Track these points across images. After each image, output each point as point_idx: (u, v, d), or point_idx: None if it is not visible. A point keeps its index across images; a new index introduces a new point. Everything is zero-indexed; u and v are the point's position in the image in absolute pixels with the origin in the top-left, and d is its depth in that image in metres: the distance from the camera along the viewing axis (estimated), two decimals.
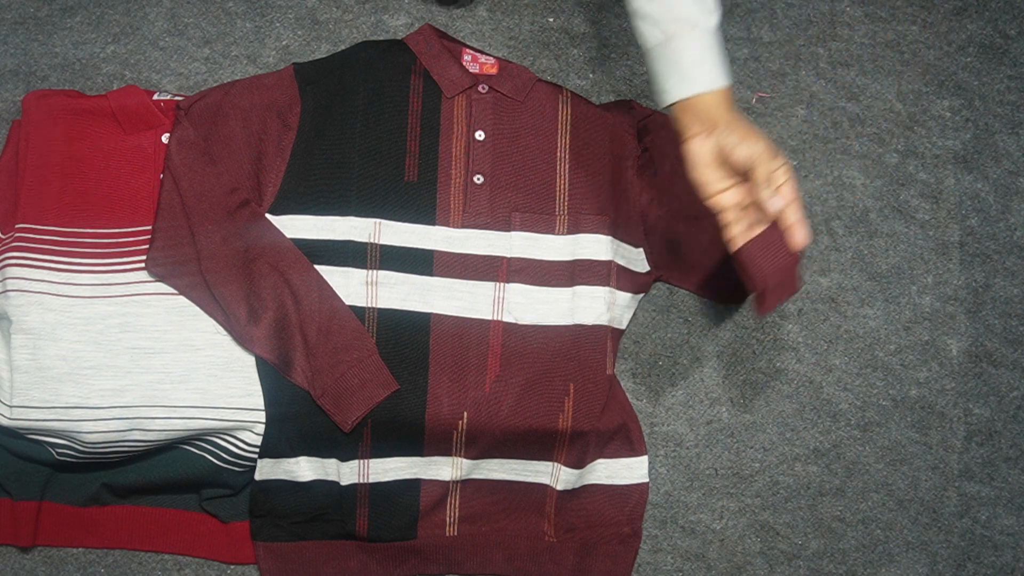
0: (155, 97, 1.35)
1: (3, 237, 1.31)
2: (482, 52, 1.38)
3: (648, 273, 1.40)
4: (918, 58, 1.50)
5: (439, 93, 1.35)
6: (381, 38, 1.46)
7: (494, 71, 1.37)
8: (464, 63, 1.37)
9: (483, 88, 1.35)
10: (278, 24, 1.46)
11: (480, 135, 1.34)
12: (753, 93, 1.48)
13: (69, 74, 1.42)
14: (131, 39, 1.44)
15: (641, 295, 1.41)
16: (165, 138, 1.33)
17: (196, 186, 1.29)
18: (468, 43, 1.44)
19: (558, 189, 1.35)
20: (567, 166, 1.35)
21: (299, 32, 1.45)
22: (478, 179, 1.33)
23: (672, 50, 1.02)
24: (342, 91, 1.33)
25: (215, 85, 1.42)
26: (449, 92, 1.34)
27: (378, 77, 1.34)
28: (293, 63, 1.34)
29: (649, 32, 1.04)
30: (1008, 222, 1.47)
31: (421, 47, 1.36)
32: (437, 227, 1.32)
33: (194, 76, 1.44)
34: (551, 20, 1.48)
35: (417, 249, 1.32)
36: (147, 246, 1.30)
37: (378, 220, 1.31)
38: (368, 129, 1.32)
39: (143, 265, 1.30)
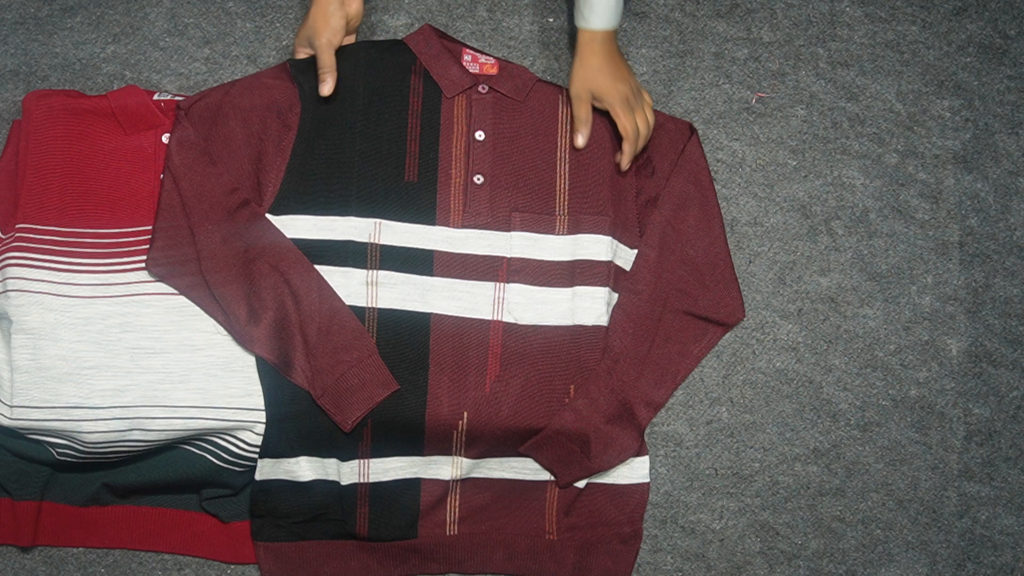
0: (155, 97, 1.36)
1: (3, 237, 1.30)
2: (482, 52, 1.38)
3: None
4: (918, 58, 1.50)
5: (439, 93, 1.34)
6: (381, 38, 1.46)
7: (494, 71, 1.37)
8: (464, 63, 1.37)
9: (483, 88, 1.35)
10: (278, 24, 1.46)
11: (480, 135, 1.34)
12: (753, 93, 1.48)
13: (69, 74, 1.42)
14: (131, 39, 1.44)
15: None
16: (165, 138, 1.33)
17: (196, 186, 1.29)
18: (468, 44, 1.44)
19: (558, 189, 1.35)
20: (567, 166, 1.35)
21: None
22: (478, 179, 1.33)
23: None
24: (342, 91, 1.33)
25: (215, 85, 1.42)
26: (449, 92, 1.34)
27: (378, 77, 1.34)
28: (289, 60, 1.34)
29: None
30: (1008, 222, 1.47)
31: (421, 47, 1.36)
32: (437, 227, 1.32)
33: (194, 76, 1.44)
34: (551, 20, 1.48)
35: (417, 249, 1.31)
36: (147, 246, 1.30)
37: (378, 220, 1.31)
38: (368, 129, 1.32)
39: (143, 265, 1.30)
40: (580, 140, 1.34)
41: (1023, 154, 1.49)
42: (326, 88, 1.30)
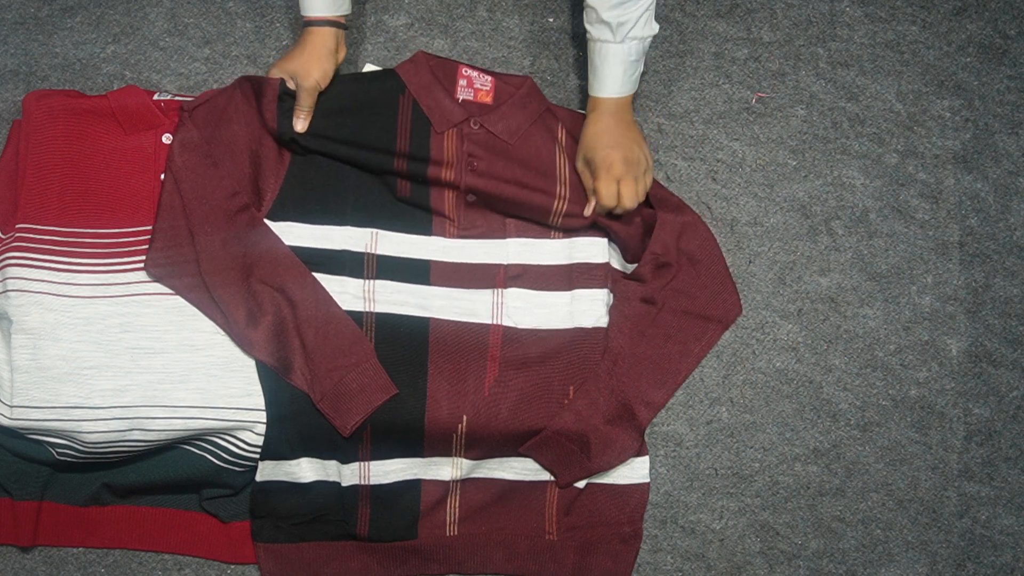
0: (155, 97, 1.35)
1: (3, 237, 1.30)
2: (479, 70, 1.35)
3: None
4: (918, 58, 1.50)
5: (429, 125, 1.33)
6: (381, 39, 1.45)
7: (488, 100, 1.35)
8: (459, 87, 1.35)
9: (475, 124, 1.33)
10: (278, 24, 1.46)
11: (472, 164, 1.32)
12: (753, 93, 1.48)
13: (69, 74, 1.42)
14: (131, 39, 1.44)
15: None
16: (166, 138, 1.33)
17: (198, 188, 1.29)
18: (464, 61, 1.42)
19: (556, 198, 1.34)
20: (565, 203, 1.33)
21: (299, 32, 1.45)
22: (471, 198, 1.33)
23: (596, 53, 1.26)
24: (335, 111, 1.31)
25: (218, 87, 1.42)
26: (439, 128, 1.33)
27: (367, 109, 1.31)
28: (280, 79, 1.31)
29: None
30: (1008, 222, 1.47)
31: (411, 76, 1.33)
32: (433, 237, 1.32)
33: (194, 76, 1.44)
34: (551, 20, 1.48)
35: (414, 259, 1.31)
36: (147, 246, 1.30)
37: (374, 230, 1.31)
38: (358, 153, 1.30)
39: (143, 265, 1.29)
40: (587, 210, 1.32)
41: (1023, 154, 1.49)
42: (300, 125, 1.29)
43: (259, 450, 1.29)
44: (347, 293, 1.30)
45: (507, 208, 1.33)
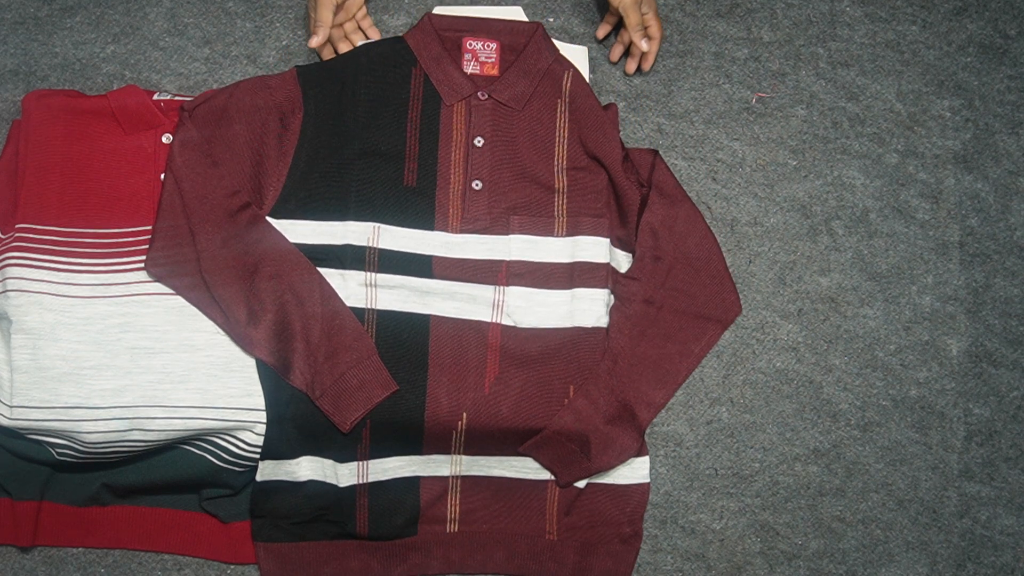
0: (155, 97, 1.35)
1: (3, 237, 1.30)
2: (484, 39, 1.36)
3: None
4: (918, 58, 1.50)
5: (439, 99, 1.34)
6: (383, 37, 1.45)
7: (495, 72, 1.36)
8: (464, 62, 1.37)
9: (483, 95, 1.35)
10: (278, 24, 1.46)
11: (479, 141, 1.33)
12: (753, 93, 1.48)
13: (69, 74, 1.42)
14: (131, 39, 1.44)
15: None
16: (165, 138, 1.33)
17: (198, 188, 1.29)
18: (470, 29, 1.42)
19: (557, 192, 1.35)
20: (564, 172, 1.35)
21: (299, 32, 1.45)
22: (476, 185, 1.33)
23: None
24: (343, 96, 1.33)
25: (218, 87, 1.42)
26: (449, 100, 1.34)
27: (379, 83, 1.34)
28: (296, 66, 1.34)
29: None
30: (1008, 222, 1.47)
31: (421, 47, 1.35)
32: (436, 232, 1.32)
33: (194, 76, 1.44)
34: (551, 20, 1.48)
35: (415, 254, 1.31)
36: (147, 246, 1.30)
37: (376, 224, 1.31)
38: (369, 134, 1.32)
39: (143, 265, 1.29)
40: (635, 40, 1.39)
41: (1023, 154, 1.49)
42: (314, 41, 1.32)
43: (259, 450, 1.29)
44: (349, 287, 1.30)
45: (511, 181, 1.34)
